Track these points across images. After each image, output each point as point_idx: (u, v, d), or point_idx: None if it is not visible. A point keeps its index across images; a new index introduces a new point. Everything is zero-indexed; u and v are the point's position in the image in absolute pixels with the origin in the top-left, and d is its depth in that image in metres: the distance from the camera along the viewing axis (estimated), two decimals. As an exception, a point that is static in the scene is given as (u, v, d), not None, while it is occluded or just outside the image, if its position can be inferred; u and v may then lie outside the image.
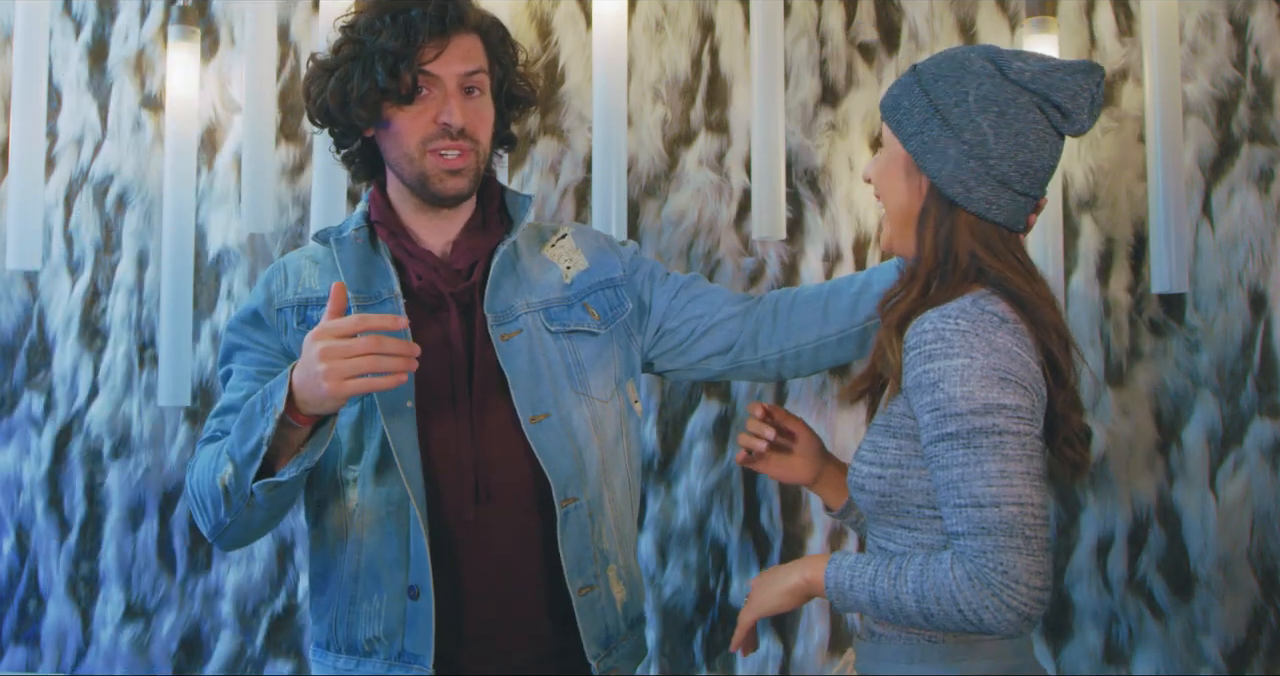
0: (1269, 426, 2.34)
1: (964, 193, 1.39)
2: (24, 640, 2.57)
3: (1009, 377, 1.31)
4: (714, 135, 2.50)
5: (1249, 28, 2.41)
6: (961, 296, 1.37)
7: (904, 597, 1.34)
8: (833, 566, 1.42)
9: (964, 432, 1.31)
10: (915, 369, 1.35)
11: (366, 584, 1.65)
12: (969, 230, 1.40)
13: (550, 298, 1.74)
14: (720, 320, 1.79)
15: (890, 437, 1.41)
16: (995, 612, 1.28)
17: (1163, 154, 2.31)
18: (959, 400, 1.31)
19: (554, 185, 2.51)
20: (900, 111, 1.43)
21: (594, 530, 1.68)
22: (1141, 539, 2.36)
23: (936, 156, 1.40)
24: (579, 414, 1.70)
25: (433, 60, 1.65)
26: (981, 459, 1.30)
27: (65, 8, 2.66)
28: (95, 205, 2.62)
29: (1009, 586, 1.27)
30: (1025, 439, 1.31)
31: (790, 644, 2.40)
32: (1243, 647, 2.32)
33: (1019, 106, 1.39)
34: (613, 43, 2.39)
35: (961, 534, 1.30)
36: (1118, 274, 2.40)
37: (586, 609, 1.66)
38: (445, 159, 1.67)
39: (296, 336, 1.70)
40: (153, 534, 2.55)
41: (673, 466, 2.46)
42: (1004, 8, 2.47)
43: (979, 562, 1.29)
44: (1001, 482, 1.29)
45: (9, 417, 2.60)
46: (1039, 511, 1.29)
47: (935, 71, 1.43)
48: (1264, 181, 2.38)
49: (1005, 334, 1.33)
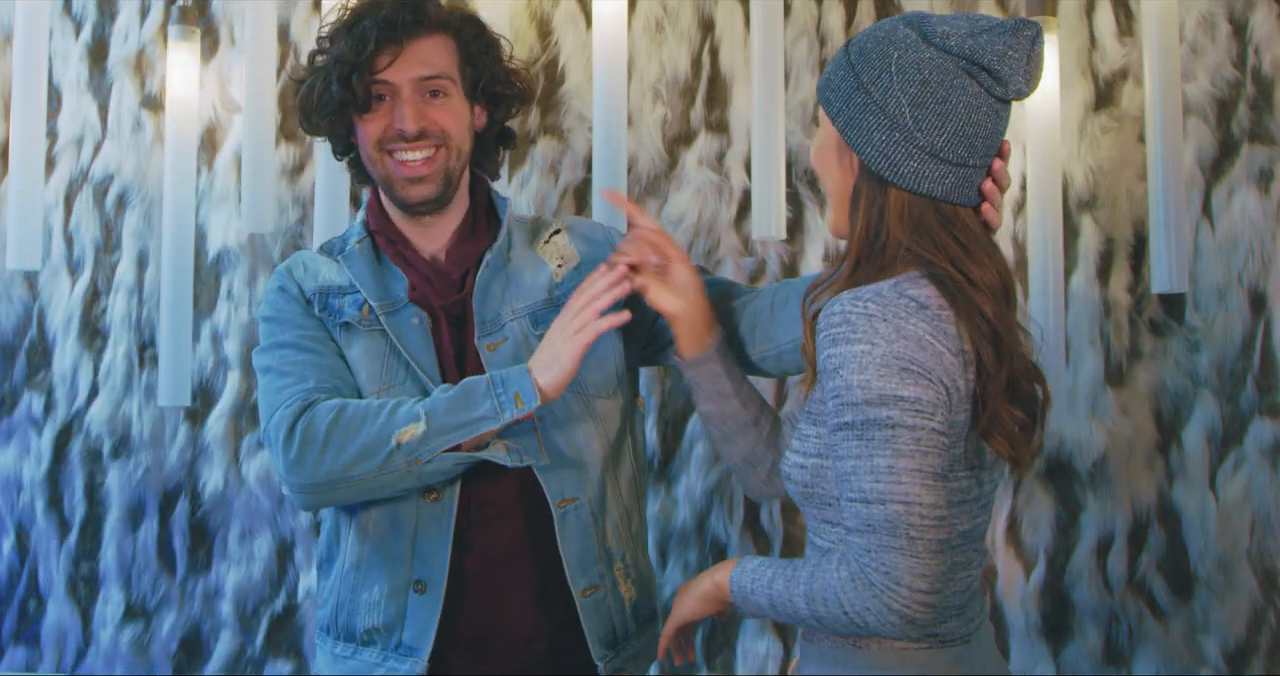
0: (1269, 426, 2.34)
1: (890, 168, 1.33)
2: (24, 640, 2.57)
3: (911, 367, 1.25)
4: (714, 135, 2.50)
5: (1249, 28, 2.41)
6: (887, 279, 1.31)
7: (796, 600, 1.30)
8: (737, 570, 1.38)
9: (858, 423, 1.25)
10: (821, 352, 1.29)
11: (369, 574, 1.66)
12: (901, 208, 1.33)
13: (536, 301, 1.72)
14: (721, 312, 1.75)
15: (812, 425, 1.36)
16: (878, 615, 1.23)
17: (1163, 154, 2.31)
18: (855, 389, 1.25)
19: (554, 185, 2.51)
20: (830, 89, 1.38)
21: (597, 529, 1.67)
22: (1141, 539, 2.36)
23: (861, 133, 1.34)
24: (575, 415, 1.69)
25: (386, 67, 1.65)
26: (873, 452, 1.24)
27: (65, 8, 2.66)
28: (95, 205, 2.62)
29: (890, 588, 1.22)
30: (920, 433, 1.24)
31: (790, 644, 2.40)
32: (1243, 647, 2.32)
33: (944, 73, 1.31)
34: (613, 43, 2.39)
35: (851, 529, 1.26)
36: (1118, 274, 2.40)
37: (591, 609, 1.65)
38: (405, 165, 1.67)
39: (324, 320, 1.70)
40: (153, 534, 2.55)
41: (673, 466, 2.45)
42: (1004, 7, 2.47)
43: (862, 562, 1.24)
44: (889, 479, 1.23)
45: (9, 417, 2.60)
46: (928, 511, 1.23)
47: (861, 46, 1.36)
48: (1264, 181, 2.38)
49: (920, 321, 1.26)
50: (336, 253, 1.75)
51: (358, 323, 1.68)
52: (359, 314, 1.68)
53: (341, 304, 1.70)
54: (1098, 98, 2.43)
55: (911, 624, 1.23)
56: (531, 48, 2.54)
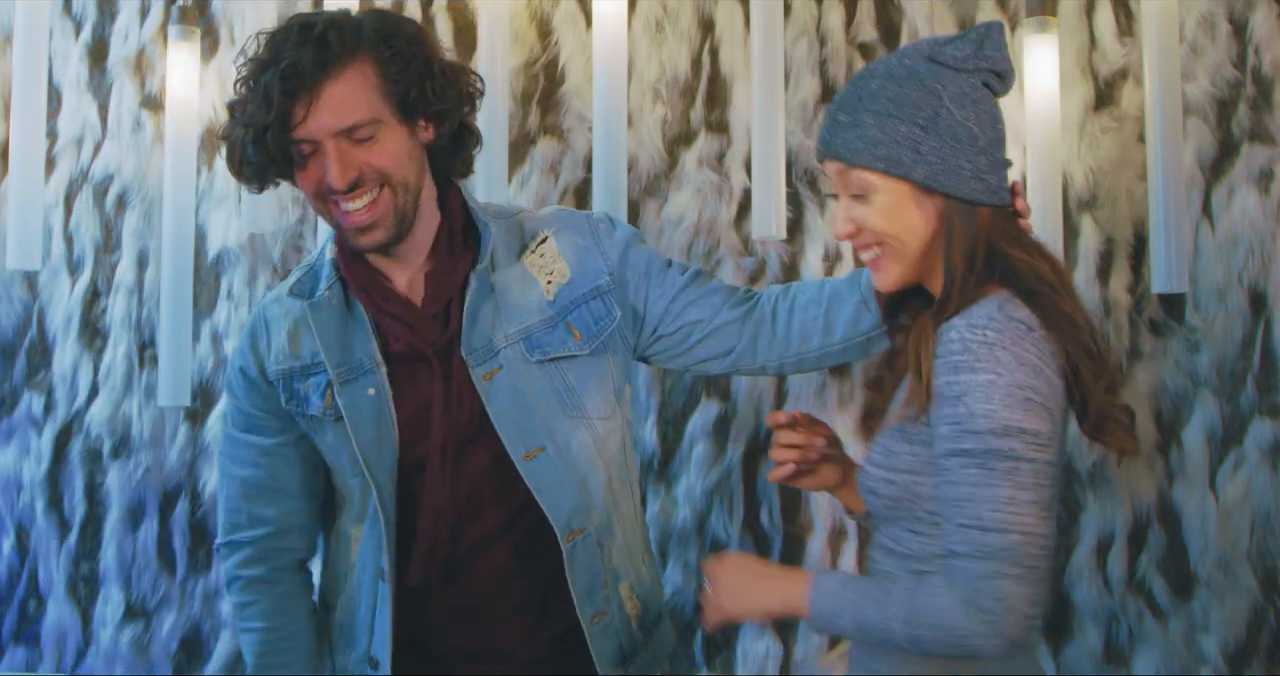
0: (1269, 426, 2.34)
1: (986, 191, 1.37)
2: (24, 640, 2.57)
3: (1034, 398, 1.28)
4: (714, 135, 2.50)
5: (1249, 28, 2.40)
6: (986, 299, 1.34)
7: (892, 624, 1.31)
8: (815, 593, 1.38)
9: (980, 452, 1.28)
10: (939, 378, 1.32)
11: (346, 637, 1.69)
12: (991, 224, 1.38)
13: (531, 323, 1.65)
14: (719, 326, 1.71)
15: (904, 442, 1.39)
16: (984, 638, 1.26)
17: (1163, 154, 2.31)
18: (980, 418, 1.28)
19: (554, 185, 2.51)
20: (882, 147, 1.37)
21: (603, 555, 1.65)
22: (1141, 539, 2.36)
23: (950, 172, 1.36)
24: (578, 439, 1.64)
25: (301, 122, 1.50)
26: (994, 482, 1.27)
27: (65, 8, 2.66)
28: (95, 205, 2.62)
29: (1004, 614, 1.25)
30: (1039, 466, 1.28)
31: (790, 644, 2.40)
32: (1243, 647, 2.32)
33: (974, 88, 1.39)
34: (613, 43, 2.39)
35: (960, 554, 1.28)
36: (1118, 274, 2.40)
37: (599, 634, 1.64)
38: (348, 216, 1.55)
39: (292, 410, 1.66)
40: (153, 534, 2.55)
41: (673, 466, 2.45)
42: (1004, 7, 2.47)
43: (975, 587, 1.26)
44: (1010, 510, 1.26)
45: (9, 417, 2.60)
46: (1043, 542, 1.27)
47: (892, 95, 1.37)
48: (1264, 181, 2.38)
49: (1030, 345, 1.30)
50: (307, 295, 1.66)
51: (322, 414, 1.63)
52: (322, 404, 1.63)
53: (306, 390, 1.64)
54: (1098, 98, 2.43)
55: (1014, 644, 1.28)
56: (531, 48, 2.54)
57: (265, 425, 1.69)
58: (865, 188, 1.38)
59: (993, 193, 1.38)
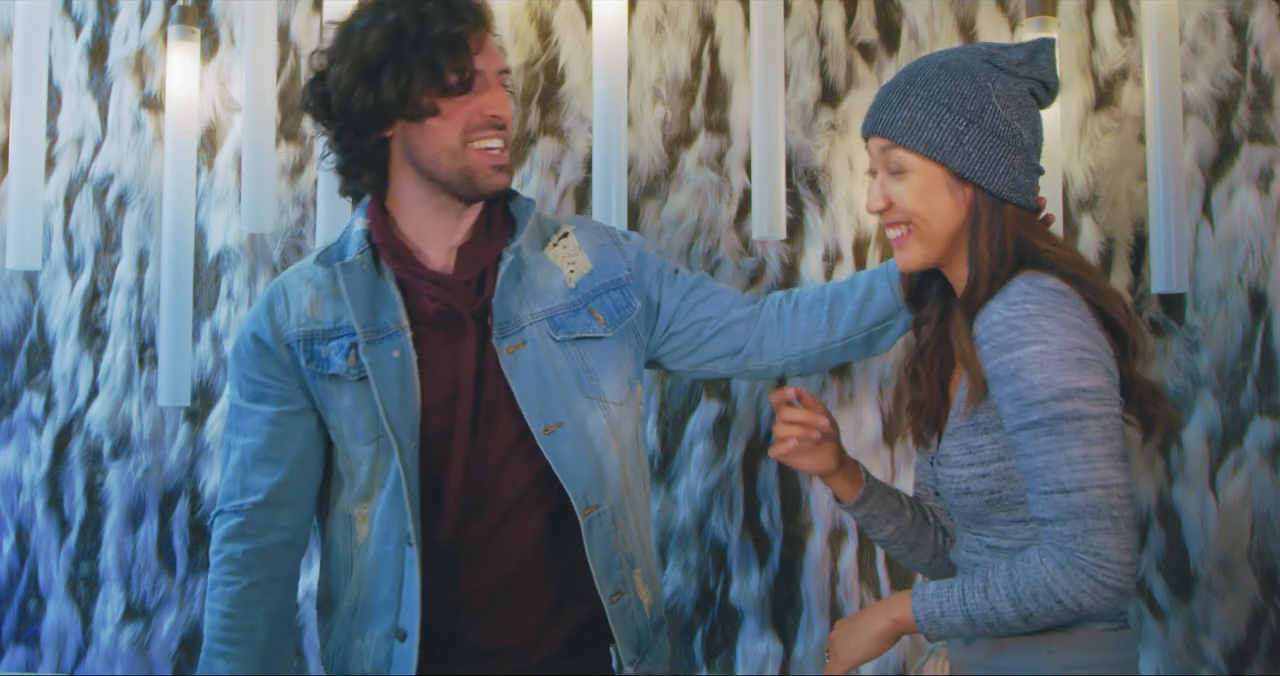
0: (1269, 426, 2.34)
1: (1014, 188, 1.43)
2: (24, 640, 2.57)
3: (1086, 357, 1.33)
4: (714, 135, 2.50)
5: (1249, 28, 2.40)
6: (1015, 280, 1.39)
7: (1000, 606, 1.34)
8: (917, 599, 1.41)
9: (1046, 420, 1.32)
10: (991, 361, 1.36)
11: (362, 620, 1.67)
12: (1017, 222, 1.43)
13: (555, 305, 1.71)
14: (729, 324, 1.77)
15: (981, 435, 1.42)
16: (1094, 595, 1.30)
17: (1163, 154, 2.31)
18: (1040, 388, 1.32)
19: (554, 185, 2.51)
20: (925, 130, 1.43)
21: (619, 535, 1.67)
22: (1141, 539, 2.36)
23: (988, 164, 1.41)
24: (594, 420, 1.68)
25: (478, 52, 1.61)
26: (1065, 445, 1.31)
27: (65, 8, 2.66)
28: (95, 205, 2.62)
29: (1103, 566, 1.29)
30: (1106, 420, 1.32)
31: (790, 644, 2.40)
32: (1243, 647, 2.32)
33: (1024, 94, 1.45)
34: (613, 43, 2.39)
35: (1050, 520, 1.32)
36: (1118, 274, 2.40)
37: (619, 614, 1.66)
38: (490, 154, 1.63)
39: (308, 374, 1.67)
40: (153, 534, 2.55)
41: (673, 466, 2.45)
42: (1004, 7, 2.47)
43: (1069, 548, 1.30)
44: (1086, 467, 1.30)
45: (9, 417, 2.60)
46: (1124, 491, 1.31)
47: (945, 84, 1.43)
48: (1264, 181, 2.38)
49: (1070, 308, 1.35)
50: (334, 260, 1.70)
51: (344, 373, 1.65)
52: (346, 363, 1.65)
53: (327, 352, 1.66)
54: (1098, 98, 2.43)
55: (1124, 595, 1.32)
56: (531, 48, 2.54)
57: (271, 393, 1.70)
58: (903, 166, 1.44)
59: (1022, 194, 1.43)
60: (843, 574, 2.40)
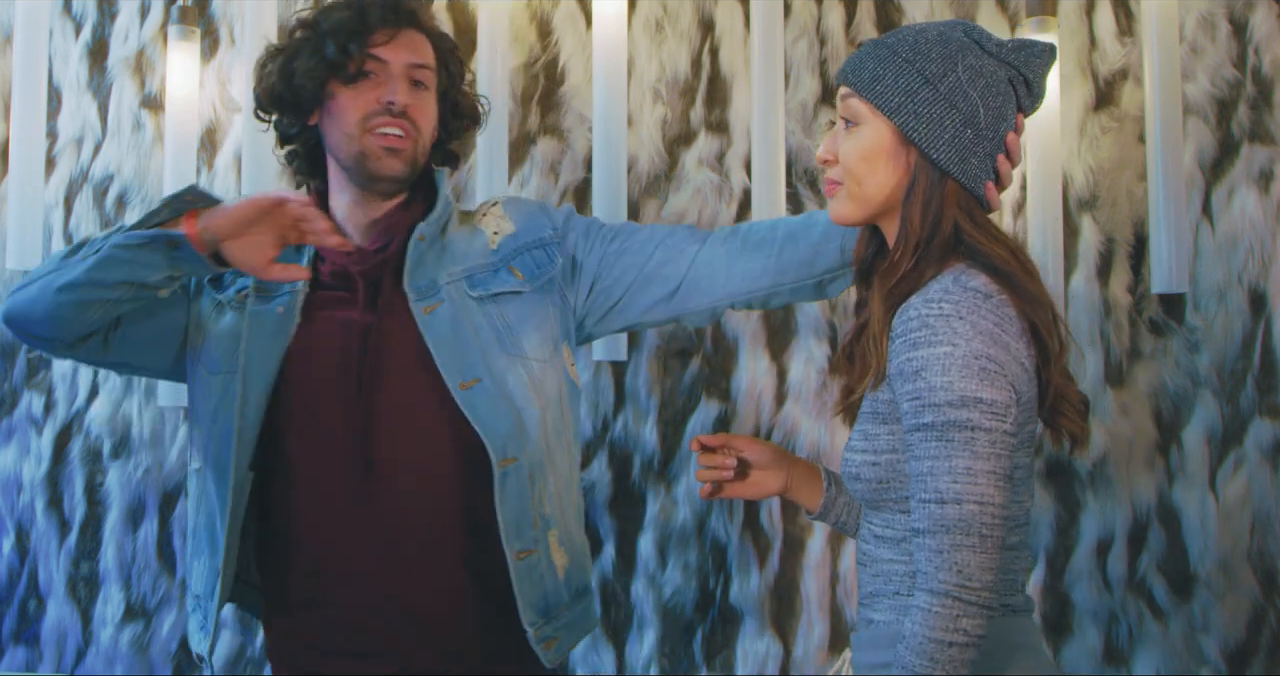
0: (1269, 426, 2.34)
1: (959, 163, 1.39)
2: (24, 640, 2.57)
3: (990, 367, 1.30)
4: (714, 135, 2.50)
5: (1249, 28, 2.41)
6: (942, 274, 1.36)
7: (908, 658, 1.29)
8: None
9: (939, 424, 1.30)
10: (899, 356, 1.34)
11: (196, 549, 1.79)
12: (955, 201, 1.39)
13: (474, 265, 1.75)
14: (656, 267, 1.75)
15: (880, 424, 1.40)
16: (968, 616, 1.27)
17: (1163, 154, 2.31)
18: (939, 390, 1.30)
19: (554, 185, 2.51)
20: (881, 83, 1.41)
21: (534, 493, 1.66)
22: (1141, 539, 2.36)
23: (933, 127, 1.38)
24: (514, 376, 1.69)
25: (383, 45, 1.69)
26: (952, 453, 1.29)
27: (65, 8, 2.66)
28: (95, 205, 2.62)
29: (965, 585, 1.27)
30: (995, 436, 1.30)
31: (790, 644, 2.40)
32: (1243, 647, 2.32)
33: (998, 80, 1.41)
34: (613, 43, 2.39)
35: (921, 531, 1.30)
36: (1118, 274, 2.40)
37: (525, 573, 1.64)
38: (384, 137, 1.69)
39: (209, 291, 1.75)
40: (153, 534, 2.55)
41: (673, 466, 2.46)
42: (1004, 7, 2.47)
43: (932, 569, 1.28)
44: (967, 480, 1.29)
45: (9, 417, 2.60)
46: (998, 511, 1.29)
47: (915, 44, 1.41)
48: (1264, 181, 2.38)
49: (987, 311, 1.32)
50: None
51: (228, 303, 1.72)
52: (235, 297, 1.73)
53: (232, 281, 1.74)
54: (1098, 98, 2.44)
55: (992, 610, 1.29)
56: (531, 48, 2.54)
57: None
58: (855, 116, 1.43)
59: (967, 172, 1.39)
60: (843, 574, 2.40)
